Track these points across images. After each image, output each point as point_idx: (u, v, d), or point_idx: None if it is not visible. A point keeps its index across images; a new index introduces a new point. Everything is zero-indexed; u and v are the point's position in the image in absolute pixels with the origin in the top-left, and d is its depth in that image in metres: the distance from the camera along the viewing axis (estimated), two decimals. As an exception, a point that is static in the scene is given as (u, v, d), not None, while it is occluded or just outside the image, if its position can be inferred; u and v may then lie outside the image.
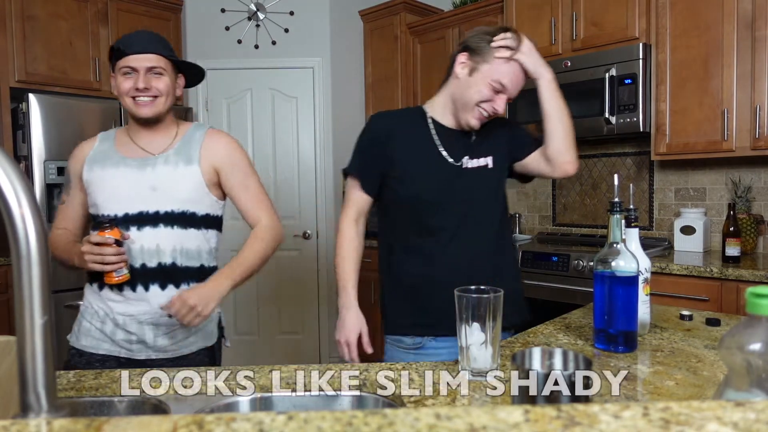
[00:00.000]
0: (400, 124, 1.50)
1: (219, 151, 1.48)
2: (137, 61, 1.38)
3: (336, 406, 1.00)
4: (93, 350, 1.43)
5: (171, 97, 1.45)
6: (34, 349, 0.57)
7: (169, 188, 1.42)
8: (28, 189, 0.57)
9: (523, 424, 0.39)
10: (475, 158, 1.47)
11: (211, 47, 3.72)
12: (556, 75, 1.47)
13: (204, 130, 1.51)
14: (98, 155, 1.46)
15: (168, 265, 1.41)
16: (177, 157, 1.44)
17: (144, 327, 1.41)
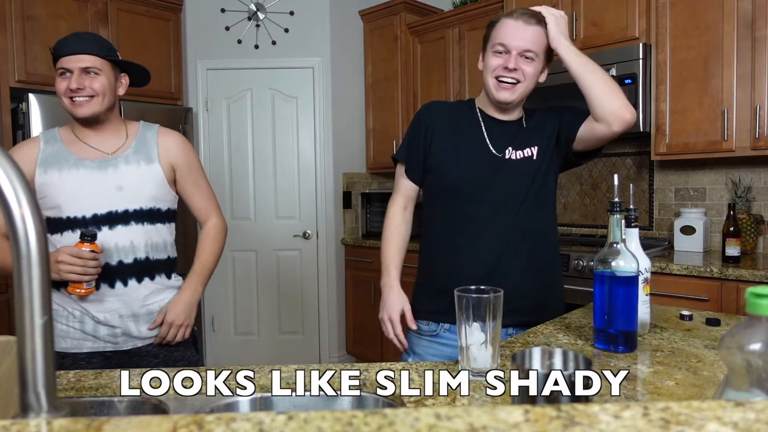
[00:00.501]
0: (449, 113, 1.51)
1: (174, 150, 1.55)
2: (70, 62, 1.42)
3: (336, 406, 1.00)
4: (76, 350, 1.46)
5: (109, 97, 1.47)
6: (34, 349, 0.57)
7: (136, 187, 1.47)
8: (28, 189, 0.57)
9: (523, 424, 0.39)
10: (520, 149, 1.45)
11: (211, 47, 3.72)
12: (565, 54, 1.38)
13: (155, 130, 1.57)
14: (50, 157, 1.46)
15: (142, 259, 1.48)
16: (137, 156, 1.50)
17: (125, 320, 1.47)
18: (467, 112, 1.50)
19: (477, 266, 1.42)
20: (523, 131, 1.48)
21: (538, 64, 1.40)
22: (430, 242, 1.53)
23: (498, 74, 1.39)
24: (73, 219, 1.42)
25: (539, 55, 1.40)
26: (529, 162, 1.45)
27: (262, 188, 3.78)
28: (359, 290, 3.80)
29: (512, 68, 1.37)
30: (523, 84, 1.40)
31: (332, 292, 3.85)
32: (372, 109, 3.99)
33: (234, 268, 3.79)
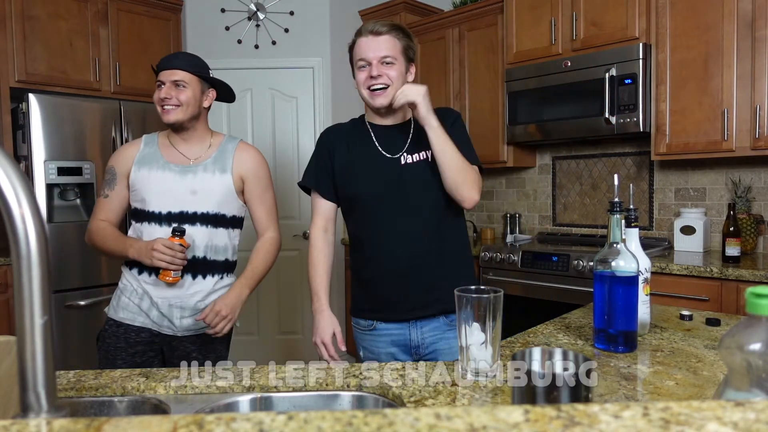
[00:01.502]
0: (344, 133, 1.64)
1: (247, 164, 1.73)
2: (164, 76, 1.65)
3: (336, 406, 1.01)
4: (130, 322, 1.67)
5: (193, 108, 1.66)
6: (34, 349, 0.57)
7: (207, 193, 1.66)
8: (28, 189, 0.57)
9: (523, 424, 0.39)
10: (414, 153, 1.55)
11: (211, 47, 3.72)
12: (431, 134, 1.48)
13: (236, 143, 1.76)
14: (145, 157, 1.69)
15: (200, 258, 1.67)
16: (214, 165, 1.69)
17: (173, 309, 1.66)
18: (359, 126, 1.63)
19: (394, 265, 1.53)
20: (414, 134, 1.57)
21: (399, 66, 1.52)
22: (353, 249, 1.68)
23: (368, 85, 1.52)
24: (152, 213, 1.65)
25: (397, 58, 1.52)
26: (424, 164, 1.53)
27: (262, 188, 3.78)
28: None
29: (376, 75, 1.50)
30: (392, 87, 1.51)
31: (332, 292, 3.84)
32: (372, 109, 3.99)
33: (234, 268, 3.79)
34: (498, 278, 2.94)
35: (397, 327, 1.57)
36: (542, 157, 3.53)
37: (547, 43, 3.02)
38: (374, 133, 1.58)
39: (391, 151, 1.56)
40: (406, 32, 1.56)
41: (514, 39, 3.16)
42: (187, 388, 1.02)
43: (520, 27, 3.14)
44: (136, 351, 1.66)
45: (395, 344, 1.58)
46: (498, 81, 3.31)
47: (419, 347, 1.56)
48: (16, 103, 3.05)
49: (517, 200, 3.66)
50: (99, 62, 3.31)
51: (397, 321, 1.56)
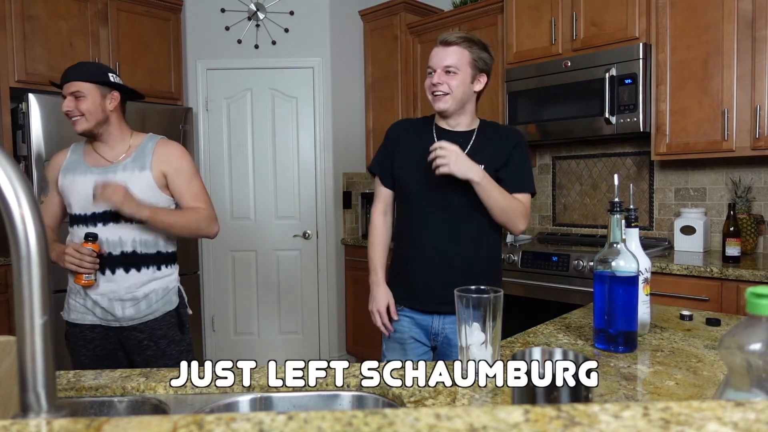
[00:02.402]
0: (411, 129, 1.77)
1: (166, 157, 1.78)
2: (65, 90, 1.72)
3: (336, 406, 1.00)
4: (81, 321, 1.78)
5: (97, 114, 1.72)
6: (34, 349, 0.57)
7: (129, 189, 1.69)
8: (28, 189, 0.57)
9: (523, 424, 0.39)
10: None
11: (211, 47, 3.72)
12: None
13: (155, 141, 1.81)
14: (70, 164, 1.78)
15: (129, 253, 1.74)
16: (133, 164, 1.75)
17: (113, 303, 1.74)
18: (426, 126, 1.75)
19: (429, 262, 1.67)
20: (474, 144, 1.68)
21: (462, 76, 1.63)
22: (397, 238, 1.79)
23: (430, 90, 1.66)
24: (78, 215, 1.74)
25: (461, 69, 1.63)
26: None
27: (262, 188, 3.78)
28: (359, 290, 3.80)
29: (436, 83, 1.63)
30: (452, 94, 1.63)
31: (332, 292, 3.85)
32: (372, 109, 3.99)
33: (234, 268, 3.79)
34: (498, 278, 2.93)
35: (422, 315, 1.70)
36: (542, 157, 3.53)
37: (547, 43, 3.02)
38: (437, 136, 1.70)
39: None
40: (478, 44, 1.66)
41: (514, 39, 3.16)
42: (187, 388, 1.02)
43: (520, 27, 3.14)
44: (95, 346, 1.78)
45: (418, 326, 1.71)
46: (498, 81, 3.31)
47: (438, 335, 1.70)
48: (16, 103, 3.05)
49: (517, 200, 3.65)
50: (99, 62, 3.30)
51: (423, 311, 1.70)
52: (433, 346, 1.73)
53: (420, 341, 1.71)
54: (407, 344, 1.71)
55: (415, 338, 1.71)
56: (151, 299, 1.78)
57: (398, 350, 1.72)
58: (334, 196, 3.83)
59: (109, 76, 1.76)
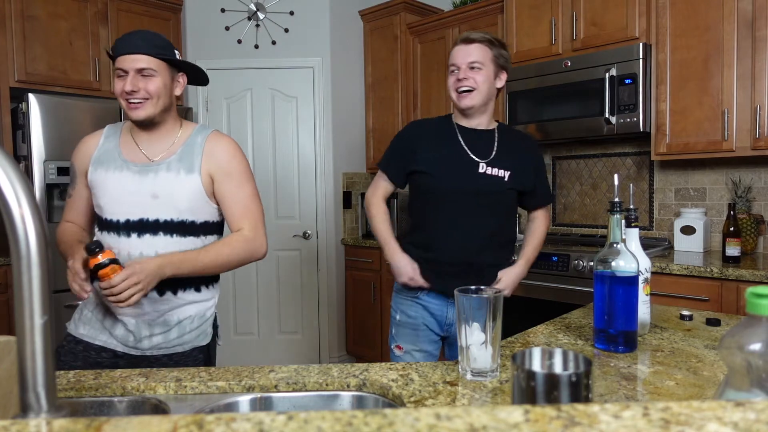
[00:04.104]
0: (429, 128, 1.78)
1: (217, 158, 1.46)
2: (126, 63, 1.38)
3: (336, 406, 1.01)
4: (89, 339, 1.46)
5: (164, 99, 1.42)
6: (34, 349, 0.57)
7: (170, 197, 1.41)
8: (28, 189, 0.57)
9: (523, 424, 0.39)
10: (495, 168, 1.70)
11: (211, 47, 3.72)
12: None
13: (206, 134, 1.49)
14: (103, 155, 1.46)
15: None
16: (179, 164, 1.43)
17: (141, 326, 1.43)
18: (446, 124, 1.77)
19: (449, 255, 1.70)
20: (498, 146, 1.73)
21: (487, 72, 1.67)
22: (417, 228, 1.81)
23: (455, 87, 1.67)
24: (109, 221, 1.42)
25: (485, 64, 1.66)
26: (500, 181, 1.70)
27: (262, 188, 3.76)
28: (359, 290, 3.80)
29: (462, 78, 1.65)
30: (478, 90, 1.66)
31: (332, 292, 3.85)
32: (372, 109, 3.99)
33: (234, 268, 3.79)
34: (498, 278, 2.94)
35: (438, 302, 1.74)
36: (542, 157, 3.53)
37: (547, 43, 3.02)
38: (461, 134, 1.73)
39: (475, 153, 1.70)
40: (498, 42, 1.69)
41: (514, 39, 3.16)
42: (187, 388, 1.02)
43: (520, 27, 3.14)
44: None
45: (432, 315, 1.75)
46: (498, 81, 3.31)
47: (451, 326, 1.73)
48: (16, 103, 3.05)
49: (517, 200, 3.66)
50: (99, 62, 3.31)
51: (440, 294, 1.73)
52: (444, 336, 1.77)
53: (432, 330, 1.74)
54: (420, 330, 1.73)
55: (428, 326, 1.74)
56: (184, 327, 1.46)
57: (410, 335, 1.74)
58: (334, 196, 3.83)
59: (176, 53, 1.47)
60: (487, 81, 1.67)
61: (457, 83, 1.66)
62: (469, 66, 1.65)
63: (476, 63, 1.65)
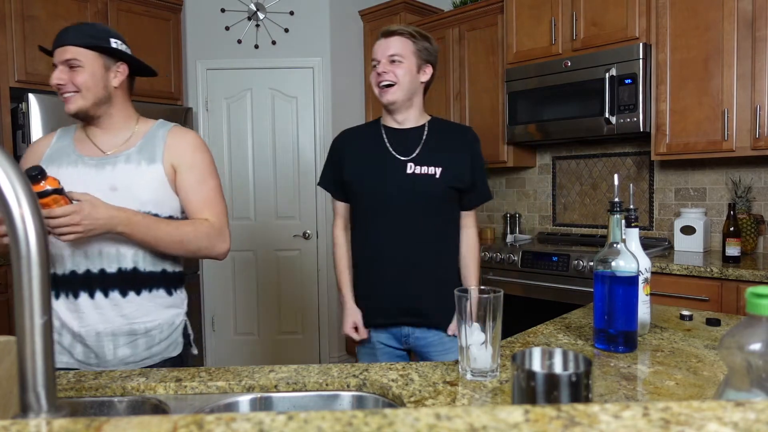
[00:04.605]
0: (357, 134, 1.71)
1: (180, 148, 1.40)
2: (56, 55, 1.33)
3: (336, 406, 1.01)
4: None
5: (96, 90, 1.34)
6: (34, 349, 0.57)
7: (130, 188, 1.32)
8: (28, 189, 0.57)
9: (523, 424, 0.39)
10: (423, 165, 1.58)
11: (211, 47, 3.72)
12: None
13: (168, 128, 1.43)
14: (55, 153, 1.38)
15: (129, 270, 1.33)
16: (139, 156, 1.36)
17: (102, 339, 1.32)
18: (372, 128, 1.69)
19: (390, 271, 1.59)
20: (426, 142, 1.62)
21: (408, 65, 1.58)
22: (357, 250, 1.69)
23: (376, 82, 1.59)
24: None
25: (406, 57, 1.58)
26: (431, 179, 1.58)
27: (262, 188, 3.78)
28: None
29: (382, 71, 1.57)
30: (399, 84, 1.57)
31: (332, 292, 3.85)
32: (372, 109, 3.99)
33: (234, 268, 3.79)
34: (498, 278, 2.94)
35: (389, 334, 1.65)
36: (542, 157, 3.53)
37: (547, 43, 3.01)
38: (386, 135, 1.64)
39: (400, 152, 1.61)
40: (419, 34, 1.61)
41: (514, 39, 3.16)
42: (187, 388, 1.02)
43: (520, 27, 3.14)
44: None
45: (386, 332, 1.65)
46: (498, 81, 3.31)
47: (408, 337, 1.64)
48: (16, 103, 3.05)
49: (517, 200, 3.66)
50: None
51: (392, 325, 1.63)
52: (407, 349, 1.67)
53: (390, 345, 1.65)
54: (377, 350, 1.64)
55: (384, 343, 1.64)
56: (152, 337, 1.36)
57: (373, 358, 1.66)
58: (334, 196, 3.83)
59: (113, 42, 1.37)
60: (408, 74, 1.57)
61: (378, 77, 1.58)
62: (390, 59, 1.57)
63: (396, 56, 1.57)
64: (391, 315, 1.61)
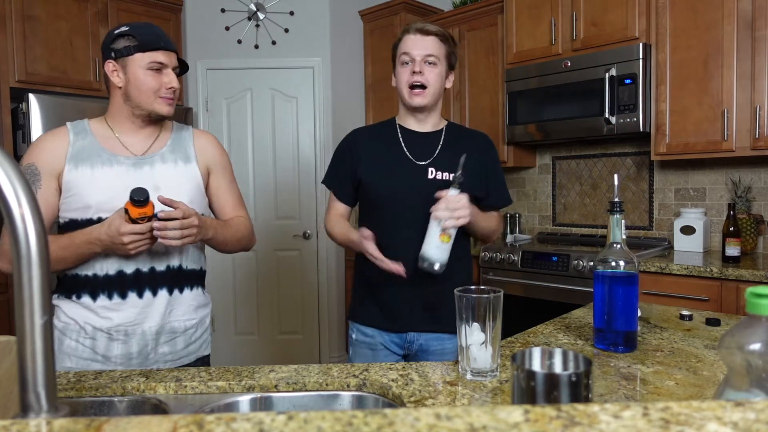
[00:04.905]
0: (371, 134, 1.63)
1: (210, 151, 1.47)
2: (166, 58, 1.33)
3: (336, 406, 1.01)
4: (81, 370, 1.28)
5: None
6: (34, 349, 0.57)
7: (173, 187, 1.35)
8: (28, 189, 0.57)
9: (523, 424, 0.39)
10: (444, 171, 1.54)
11: (211, 47, 3.72)
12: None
13: (189, 130, 1.49)
14: (81, 152, 1.32)
15: (176, 268, 1.36)
16: (174, 155, 1.40)
17: (147, 337, 1.33)
18: (388, 129, 1.61)
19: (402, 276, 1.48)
20: (444, 145, 1.57)
21: (440, 68, 1.53)
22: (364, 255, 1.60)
23: (410, 82, 1.50)
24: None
25: (440, 60, 1.52)
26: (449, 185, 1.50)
27: (262, 188, 3.78)
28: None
29: (418, 71, 1.49)
30: (431, 88, 1.51)
31: (332, 292, 3.85)
32: (372, 109, 3.99)
33: (234, 268, 3.79)
34: (498, 278, 2.94)
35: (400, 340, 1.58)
36: (542, 157, 3.53)
37: (547, 43, 3.02)
38: (403, 138, 1.58)
39: (418, 157, 1.55)
40: (451, 39, 1.56)
41: (514, 39, 3.16)
42: (187, 388, 1.02)
43: (520, 27, 3.14)
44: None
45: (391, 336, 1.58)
46: (498, 81, 3.31)
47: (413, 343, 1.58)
48: (16, 103, 3.05)
49: (517, 200, 3.66)
50: (99, 62, 3.30)
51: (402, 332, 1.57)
52: (405, 354, 1.60)
53: (391, 350, 1.58)
54: (378, 351, 1.57)
55: (386, 347, 1.58)
56: (189, 336, 1.39)
57: (368, 357, 1.58)
58: (334, 196, 3.83)
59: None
60: (440, 79, 1.52)
61: (412, 77, 1.49)
62: (425, 60, 1.49)
63: (432, 57, 1.49)
64: (404, 321, 1.55)
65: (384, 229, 1.52)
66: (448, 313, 1.53)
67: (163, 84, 1.33)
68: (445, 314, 1.53)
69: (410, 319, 1.55)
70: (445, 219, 1.34)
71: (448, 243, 1.37)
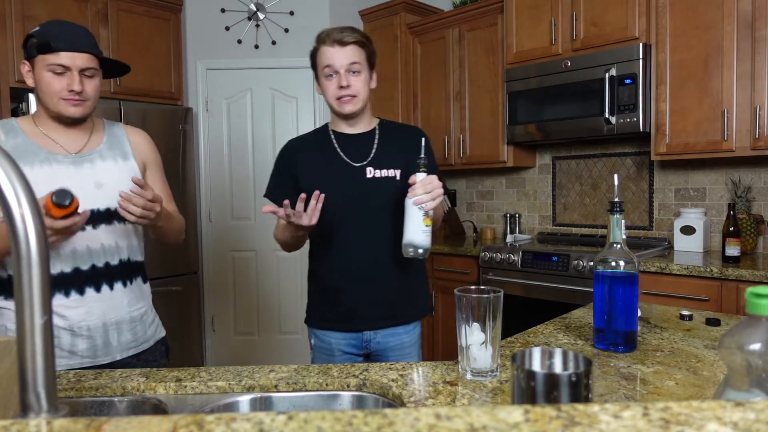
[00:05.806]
0: (304, 143, 1.66)
1: (145, 148, 1.52)
2: (71, 60, 1.29)
3: (336, 406, 1.01)
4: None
5: (96, 100, 1.38)
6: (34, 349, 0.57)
7: (115, 183, 1.37)
8: (28, 189, 0.57)
9: (523, 424, 0.39)
10: (382, 169, 1.56)
11: (211, 47, 3.72)
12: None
13: (120, 127, 1.50)
14: (15, 151, 1.29)
15: (126, 261, 1.42)
16: (112, 152, 1.42)
17: (109, 329, 1.37)
18: (322, 135, 1.64)
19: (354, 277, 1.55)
20: (380, 146, 1.60)
21: (365, 74, 1.55)
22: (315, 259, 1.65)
23: (337, 95, 1.53)
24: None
25: (363, 65, 1.54)
26: (392, 182, 1.56)
27: (262, 188, 3.76)
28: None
29: (345, 85, 1.51)
30: (359, 96, 1.54)
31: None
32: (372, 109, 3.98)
33: (234, 268, 3.79)
34: (498, 278, 2.94)
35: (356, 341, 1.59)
36: (542, 157, 3.53)
37: (547, 43, 3.02)
38: (337, 141, 1.61)
39: (355, 159, 1.58)
40: (368, 40, 1.57)
41: (514, 39, 3.16)
42: (187, 388, 1.02)
43: (520, 27, 3.14)
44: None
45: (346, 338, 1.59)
46: (498, 81, 3.31)
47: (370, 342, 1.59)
48: (16, 103, 3.05)
49: (517, 200, 3.66)
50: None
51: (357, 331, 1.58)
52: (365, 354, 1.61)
53: (349, 352, 1.60)
54: (335, 356, 1.59)
55: (343, 350, 1.59)
56: (145, 322, 1.47)
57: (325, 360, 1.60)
58: (334, 196, 3.82)
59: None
60: (366, 84, 1.56)
61: (340, 91, 1.52)
62: (349, 69, 1.52)
63: (356, 64, 1.52)
64: (358, 320, 1.57)
65: (333, 233, 1.56)
66: (404, 305, 1.60)
67: (64, 86, 1.30)
68: (401, 306, 1.59)
69: (365, 317, 1.57)
70: (426, 201, 1.35)
71: (430, 226, 1.39)
